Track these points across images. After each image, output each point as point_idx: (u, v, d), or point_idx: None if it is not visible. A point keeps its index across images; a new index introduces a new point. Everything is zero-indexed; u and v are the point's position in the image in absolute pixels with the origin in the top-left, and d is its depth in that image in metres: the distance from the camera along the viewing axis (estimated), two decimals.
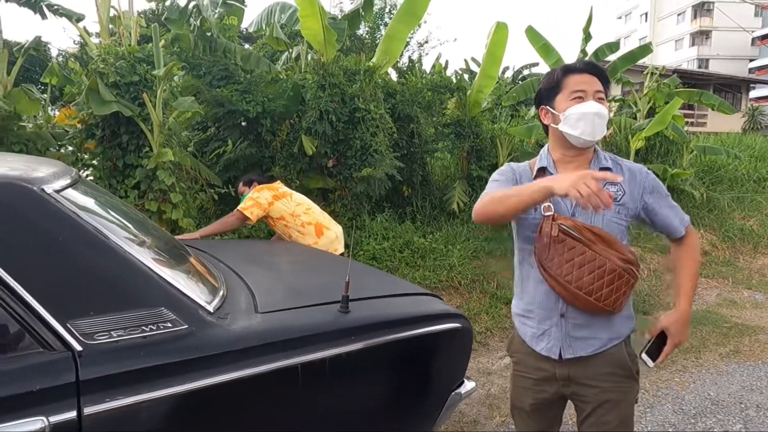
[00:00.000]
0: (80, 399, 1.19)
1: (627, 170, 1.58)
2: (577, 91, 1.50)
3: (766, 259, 7.12)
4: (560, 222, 1.47)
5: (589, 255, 1.44)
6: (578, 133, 1.49)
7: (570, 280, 1.44)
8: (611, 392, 1.54)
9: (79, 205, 1.40)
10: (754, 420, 2.96)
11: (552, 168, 1.58)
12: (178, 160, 3.60)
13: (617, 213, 1.52)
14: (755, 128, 21.35)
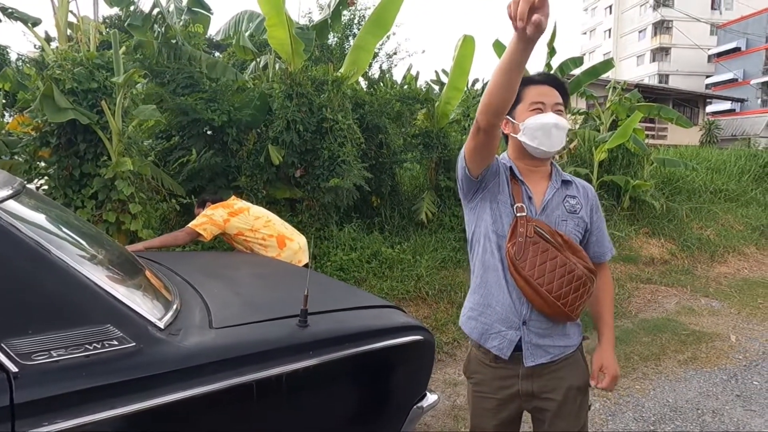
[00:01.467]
0: (14, 423, 1.13)
1: (581, 187, 1.62)
2: (536, 102, 1.53)
3: (722, 268, 7.38)
4: (535, 224, 1.49)
5: (560, 260, 1.46)
6: (536, 144, 1.51)
7: (541, 282, 1.46)
8: (569, 404, 1.56)
9: (19, 218, 1.33)
10: (711, 425, 3.04)
11: (518, 173, 1.60)
12: (138, 169, 3.50)
13: (576, 225, 1.56)
14: (712, 141, 22.24)
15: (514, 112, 1.56)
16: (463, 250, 5.63)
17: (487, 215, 1.60)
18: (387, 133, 5.75)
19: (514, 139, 1.60)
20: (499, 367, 1.59)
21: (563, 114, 1.56)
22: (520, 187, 1.58)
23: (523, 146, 1.57)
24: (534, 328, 1.54)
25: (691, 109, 25.65)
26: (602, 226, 1.65)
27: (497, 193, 1.58)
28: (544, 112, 1.52)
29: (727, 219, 9.29)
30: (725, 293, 6.18)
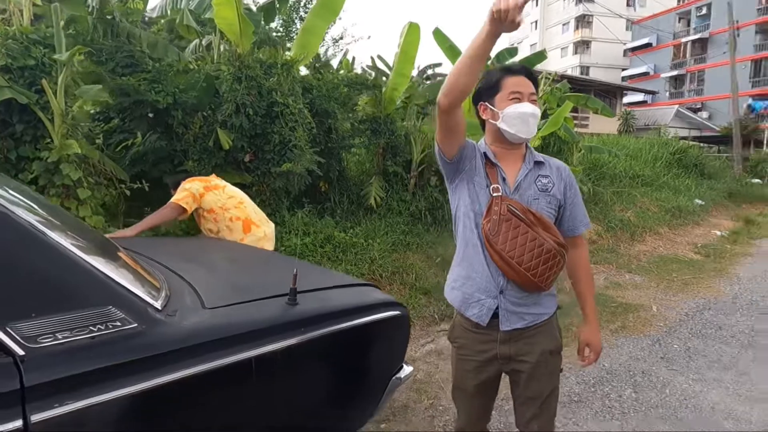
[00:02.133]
0: (25, 406, 1.11)
1: (554, 167, 1.77)
2: (515, 92, 1.66)
3: (641, 246, 8.08)
4: (508, 203, 1.63)
5: (531, 235, 1.60)
6: (515, 130, 1.65)
7: (512, 255, 1.60)
8: (541, 366, 1.73)
9: (9, 200, 1.29)
10: (641, 384, 3.40)
11: (493, 158, 1.72)
12: (85, 152, 3.31)
13: (548, 202, 1.70)
14: (628, 130, 23.92)
15: (494, 100, 1.69)
16: (411, 234, 5.81)
17: (465, 196, 1.73)
18: (335, 118, 5.77)
19: (491, 125, 1.72)
20: (480, 332, 1.73)
21: (536, 103, 1.70)
22: (495, 169, 1.71)
23: (500, 131, 1.69)
24: (510, 296, 1.69)
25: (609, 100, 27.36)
26: (577, 201, 1.78)
27: (474, 175, 1.71)
28: (521, 102, 1.66)
29: (644, 202, 10.13)
30: (645, 269, 6.79)
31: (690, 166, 14.37)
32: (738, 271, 6.92)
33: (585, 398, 3.19)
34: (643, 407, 3.08)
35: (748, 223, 10.70)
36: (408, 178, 6.50)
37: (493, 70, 1.74)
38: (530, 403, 1.75)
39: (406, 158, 6.48)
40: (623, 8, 47.56)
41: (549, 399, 1.76)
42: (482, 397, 1.84)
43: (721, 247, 8.40)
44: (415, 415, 2.91)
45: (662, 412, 3.03)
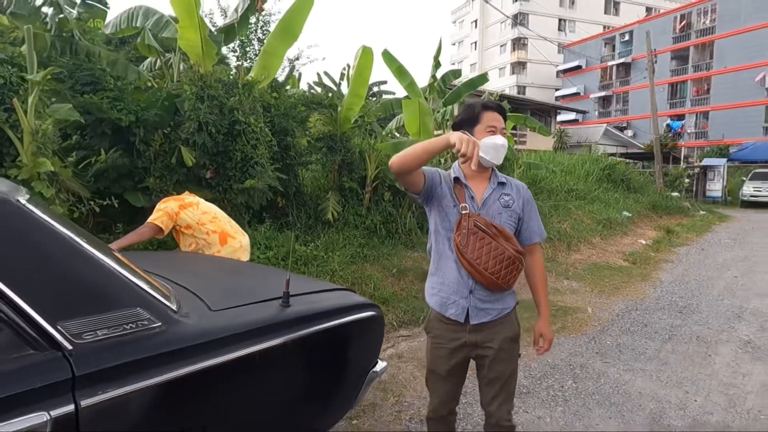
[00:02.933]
0: (75, 393, 1.29)
1: (515, 186, 2.12)
2: (491, 126, 2.00)
3: (577, 255, 8.75)
4: (475, 219, 1.95)
5: (494, 245, 1.94)
6: (489, 157, 1.98)
7: (480, 263, 1.92)
8: (503, 352, 2.05)
9: (48, 213, 1.46)
10: (580, 376, 3.82)
11: (464, 179, 2.05)
12: (57, 170, 3.36)
13: (509, 216, 2.04)
14: (563, 147, 25.42)
15: (473, 130, 2.02)
16: (368, 246, 6.08)
17: (437, 216, 2.07)
18: (294, 135, 5.99)
19: None
20: (452, 324, 2.04)
21: (505, 135, 2.06)
22: (463, 190, 2.04)
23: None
24: (478, 296, 2.01)
25: (545, 118, 28.99)
26: (533, 215, 2.12)
27: (442, 199, 2.05)
28: (495, 134, 2.00)
29: (578, 214, 10.92)
30: (580, 275, 7.40)
31: (618, 181, 15.57)
32: (660, 275, 7.68)
33: (533, 390, 3.56)
34: (582, 395, 3.49)
35: (668, 232, 11.75)
36: (363, 193, 6.79)
37: (474, 104, 2.07)
38: (493, 384, 2.07)
39: (361, 174, 6.78)
40: (555, 32, 50.68)
41: (509, 379, 2.09)
42: (453, 381, 2.14)
43: (646, 255, 9.23)
44: (383, 412, 3.16)
45: (598, 399, 3.44)
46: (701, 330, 4.97)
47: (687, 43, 36.31)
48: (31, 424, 1.20)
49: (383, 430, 2.95)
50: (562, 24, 51.67)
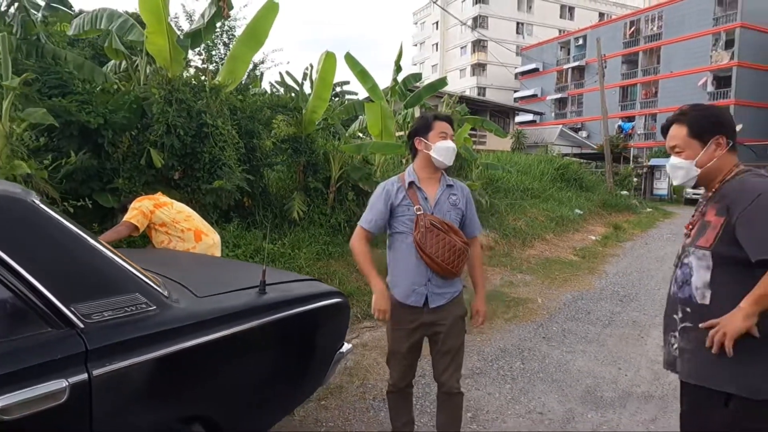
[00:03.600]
0: (87, 364, 1.53)
1: (459, 187, 2.47)
2: (443, 132, 2.37)
3: (531, 251, 9.26)
4: (429, 218, 2.28)
5: (447, 239, 2.28)
6: (441, 158, 2.34)
7: (438, 256, 2.27)
8: (454, 327, 2.40)
9: (58, 213, 1.68)
10: (527, 357, 4.21)
11: (418, 183, 2.38)
12: (33, 172, 3.47)
13: (456, 214, 2.40)
14: (520, 148, 26.30)
15: (428, 136, 2.37)
16: (333, 244, 6.35)
17: (394, 222, 2.41)
18: (259, 137, 6.19)
19: (425, 154, 2.39)
20: (411, 309, 2.36)
21: (454, 140, 2.41)
22: (416, 193, 2.37)
23: (430, 159, 2.37)
24: (434, 284, 2.35)
25: (503, 120, 29.90)
26: (473, 212, 2.48)
27: (396, 209, 2.40)
28: (446, 139, 2.35)
29: (533, 212, 11.50)
30: (533, 269, 7.88)
31: (571, 180, 16.34)
32: (606, 268, 8.27)
33: (485, 370, 3.92)
34: (528, 374, 3.87)
35: (616, 228, 12.50)
36: (327, 193, 7.05)
37: (427, 116, 2.45)
38: (445, 356, 2.42)
39: (326, 175, 7.03)
40: (513, 35, 52.09)
41: (458, 352, 2.44)
42: (411, 357, 2.47)
43: (594, 249, 9.85)
44: (348, 393, 3.45)
45: (542, 376, 3.83)
46: (638, 316, 5.48)
47: (636, 48, 38.10)
48: (53, 389, 1.43)
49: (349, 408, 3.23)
50: (520, 27, 53.15)
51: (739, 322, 1.52)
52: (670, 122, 1.83)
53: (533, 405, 3.36)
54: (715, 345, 1.57)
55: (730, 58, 32.06)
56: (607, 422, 3.15)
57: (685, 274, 1.72)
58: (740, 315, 1.52)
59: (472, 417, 3.17)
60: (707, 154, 1.72)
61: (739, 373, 1.56)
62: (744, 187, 1.61)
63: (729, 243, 1.58)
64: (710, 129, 1.73)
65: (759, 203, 1.53)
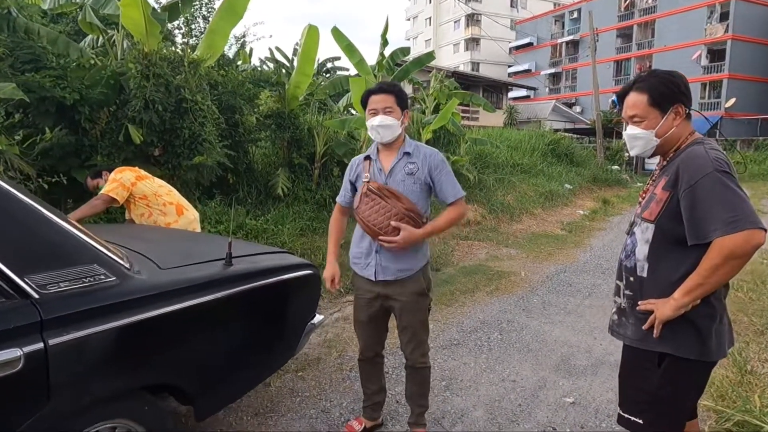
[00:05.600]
0: (43, 334, 1.54)
1: (423, 154, 2.37)
2: (372, 109, 2.31)
3: (518, 225, 9.30)
4: (369, 185, 2.28)
5: (382, 204, 2.24)
6: (373, 136, 2.33)
7: (369, 219, 2.25)
8: (410, 304, 2.38)
9: (12, 185, 1.67)
10: (506, 329, 4.27)
11: (375, 155, 2.37)
12: (4, 148, 3.43)
13: (413, 182, 2.32)
14: (512, 123, 26.17)
15: (366, 114, 2.34)
16: (317, 219, 6.35)
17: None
18: (242, 113, 6.13)
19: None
20: (367, 279, 2.39)
21: (392, 113, 2.28)
22: (371, 164, 2.36)
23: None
24: (383, 256, 2.34)
25: (496, 95, 29.67)
26: (444, 179, 2.31)
27: (355, 182, 2.43)
28: (376, 116, 2.29)
29: (522, 187, 11.51)
30: (519, 244, 7.94)
31: (562, 155, 16.31)
32: (592, 242, 8.33)
33: (463, 341, 3.98)
34: (505, 344, 3.94)
35: (605, 203, 12.56)
36: (312, 169, 7.02)
37: (365, 92, 2.37)
38: (406, 331, 2.43)
39: (310, 151, 6.99)
40: (507, 9, 51.31)
41: (419, 329, 2.43)
42: (373, 326, 2.49)
43: (581, 224, 9.92)
44: (326, 364, 3.50)
45: (518, 347, 3.90)
46: None
47: (630, 22, 37.65)
48: (6, 358, 1.45)
49: (326, 379, 3.28)
50: (514, 1, 52.31)
51: (669, 312, 1.59)
52: (628, 89, 1.81)
53: (507, 373, 3.43)
54: (647, 324, 1.68)
55: (724, 31, 31.78)
56: (577, 389, 3.22)
57: (632, 243, 1.75)
58: (672, 305, 1.59)
59: (446, 386, 3.23)
60: (667, 123, 1.71)
61: (671, 334, 1.62)
62: (693, 162, 1.59)
63: (671, 218, 1.61)
64: (670, 97, 1.71)
65: (703, 184, 1.52)
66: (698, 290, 1.54)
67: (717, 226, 1.48)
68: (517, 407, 3.00)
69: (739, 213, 1.47)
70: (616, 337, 1.82)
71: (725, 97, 32.02)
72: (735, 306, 4.60)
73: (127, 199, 3.25)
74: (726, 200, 1.49)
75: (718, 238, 1.48)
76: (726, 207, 1.48)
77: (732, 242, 1.46)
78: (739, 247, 1.46)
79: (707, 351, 1.60)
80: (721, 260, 1.48)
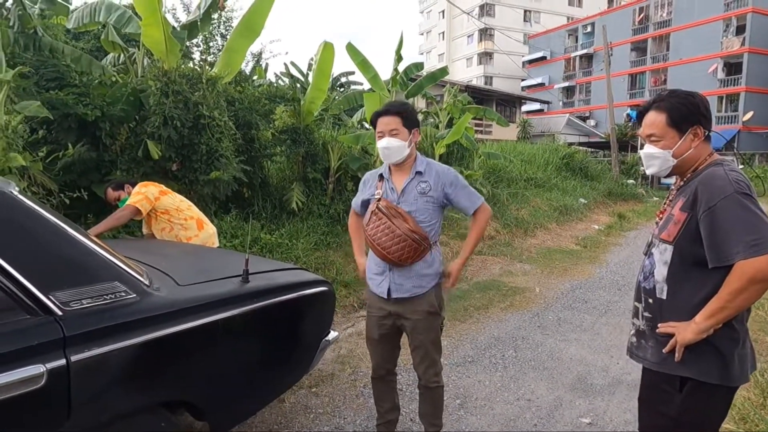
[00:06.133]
0: (66, 350, 1.57)
1: (435, 173, 2.39)
2: (379, 131, 2.34)
3: (532, 240, 9.24)
4: (379, 203, 2.30)
5: (388, 224, 2.25)
6: (382, 158, 2.36)
7: (375, 239, 2.29)
8: (422, 322, 2.37)
9: (36, 203, 1.72)
10: (521, 346, 4.23)
11: (387, 175, 2.40)
12: (28, 165, 3.52)
13: (426, 201, 2.33)
14: (526, 137, 26.11)
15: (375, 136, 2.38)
16: (331, 234, 6.39)
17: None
18: (258, 128, 6.22)
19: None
20: (379, 297, 2.40)
21: (398, 135, 2.29)
22: (383, 183, 2.39)
23: None
24: (395, 274, 2.34)
25: (510, 109, 29.70)
26: (458, 193, 2.33)
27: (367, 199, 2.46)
28: (382, 138, 2.32)
29: (536, 201, 11.45)
30: (534, 259, 7.88)
31: (576, 169, 16.21)
32: (608, 257, 8.24)
33: (477, 359, 3.95)
34: (520, 362, 3.90)
35: (621, 218, 12.42)
36: (326, 183, 7.07)
37: (373, 113, 2.41)
38: (418, 351, 2.42)
39: (325, 165, 7.05)
40: (521, 23, 51.52)
41: (431, 348, 2.42)
42: (384, 344, 2.49)
43: (597, 239, 9.82)
44: (340, 380, 3.49)
45: (533, 364, 3.86)
46: None
47: (645, 35, 37.57)
48: (31, 374, 1.48)
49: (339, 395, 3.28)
50: (527, 15, 52.54)
51: (691, 336, 1.57)
52: (647, 108, 1.81)
53: (522, 392, 3.39)
54: (667, 347, 1.64)
55: (741, 44, 31.53)
56: (594, 409, 3.17)
57: (651, 264, 1.74)
58: (693, 329, 1.56)
59: (461, 404, 3.20)
60: (685, 144, 1.70)
61: (693, 358, 1.60)
62: (713, 183, 1.57)
63: (690, 239, 1.59)
64: (689, 118, 1.69)
65: (723, 206, 1.50)
66: (720, 314, 1.52)
67: (739, 249, 1.46)
68: (533, 427, 2.96)
69: (761, 236, 1.45)
70: (635, 359, 1.79)
71: (742, 110, 31.66)
72: (756, 325, 4.50)
73: (148, 213, 3.31)
74: (747, 222, 1.47)
75: (740, 261, 1.46)
76: (748, 229, 1.46)
77: (755, 266, 1.44)
78: (761, 271, 1.44)
79: (730, 376, 1.57)
80: (744, 284, 1.46)
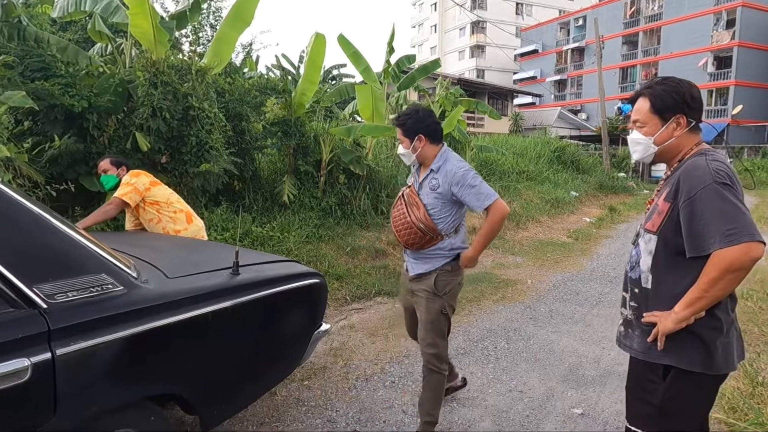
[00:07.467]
0: (51, 344, 1.54)
1: (444, 172, 2.48)
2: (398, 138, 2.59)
3: (524, 233, 9.27)
4: (405, 191, 2.55)
5: (403, 211, 2.51)
6: (405, 161, 2.60)
7: (394, 221, 2.55)
8: (422, 300, 2.56)
9: (21, 195, 1.67)
10: (513, 338, 4.24)
11: (414, 169, 2.67)
12: (13, 156, 3.45)
13: (435, 197, 2.49)
14: (518, 130, 26.17)
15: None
16: (323, 227, 6.35)
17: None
18: (248, 120, 6.15)
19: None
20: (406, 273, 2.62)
21: (402, 143, 2.59)
22: (415, 174, 2.64)
23: None
24: (410, 255, 2.63)
25: (502, 102, 29.70)
26: (466, 192, 2.41)
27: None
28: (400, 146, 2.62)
29: (528, 194, 11.48)
30: (526, 251, 7.90)
31: (568, 162, 16.27)
32: (599, 250, 8.28)
33: (469, 351, 3.95)
34: (512, 354, 3.91)
35: (611, 210, 12.48)
36: (318, 176, 7.03)
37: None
38: (420, 325, 2.60)
39: (316, 158, 7.00)
40: (513, 16, 51.41)
41: (428, 326, 2.55)
42: (409, 314, 2.78)
43: (588, 231, 9.86)
44: (332, 373, 3.48)
45: (525, 356, 3.86)
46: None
47: (636, 29, 37.64)
48: (15, 368, 1.44)
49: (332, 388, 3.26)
50: (519, 8, 52.43)
51: (671, 325, 1.59)
52: (637, 95, 1.80)
53: (514, 384, 3.40)
54: (651, 336, 1.67)
55: (731, 38, 31.70)
56: (585, 400, 3.18)
57: (637, 254, 1.75)
58: (673, 318, 1.58)
59: (453, 396, 3.19)
60: (666, 132, 1.69)
61: (675, 347, 1.61)
62: (693, 173, 1.57)
63: (673, 229, 1.60)
64: (672, 107, 1.68)
65: (702, 196, 1.51)
66: (698, 303, 1.54)
67: (715, 239, 1.47)
68: (525, 418, 2.96)
69: (737, 226, 1.45)
70: (623, 348, 1.81)
71: (732, 104, 31.88)
72: (745, 316, 4.54)
73: (141, 202, 3.26)
74: (725, 213, 1.47)
75: (717, 251, 1.47)
76: (724, 219, 1.47)
77: (730, 255, 1.45)
78: (737, 260, 1.45)
79: (712, 364, 1.59)
80: (720, 273, 1.47)
